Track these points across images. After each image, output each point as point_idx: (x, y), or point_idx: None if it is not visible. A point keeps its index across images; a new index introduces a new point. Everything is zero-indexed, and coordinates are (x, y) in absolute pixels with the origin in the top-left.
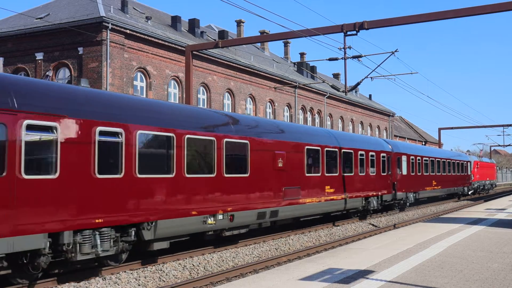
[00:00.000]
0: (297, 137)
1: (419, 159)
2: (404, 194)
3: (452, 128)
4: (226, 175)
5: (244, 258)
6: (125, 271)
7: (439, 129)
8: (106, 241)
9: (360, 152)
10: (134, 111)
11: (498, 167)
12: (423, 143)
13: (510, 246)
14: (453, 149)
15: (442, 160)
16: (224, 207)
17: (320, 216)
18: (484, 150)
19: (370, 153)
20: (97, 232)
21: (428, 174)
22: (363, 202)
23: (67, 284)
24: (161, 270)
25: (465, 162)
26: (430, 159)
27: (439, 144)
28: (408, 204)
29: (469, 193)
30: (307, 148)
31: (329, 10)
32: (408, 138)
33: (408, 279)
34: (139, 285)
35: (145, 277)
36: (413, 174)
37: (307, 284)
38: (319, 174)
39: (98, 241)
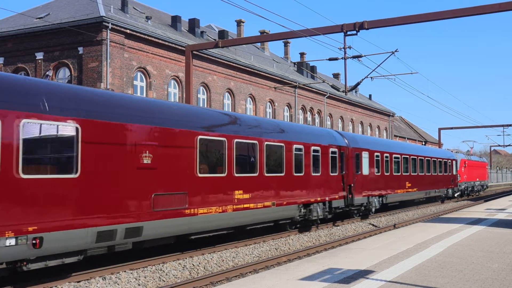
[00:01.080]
0: (182, 123)
1: (387, 156)
2: (364, 198)
3: (452, 128)
4: (24, 177)
5: (244, 258)
6: (125, 271)
7: (439, 129)
8: None
9: (296, 146)
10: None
11: (498, 167)
12: (423, 143)
13: (510, 246)
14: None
15: (420, 158)
16: (27, 227)
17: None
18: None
19: (313, 148)
20: None
21: (399, 174)
22: (301, 210)
23: (67, 283)
24: (161, 270)
25: (449, 161)
26: (403, 156)
27: (439, 144)
28: (373, 210)
29: (455, 195)
30: (200, 139)
31: (329, 10)
32: (408, 138)
33: (408, 279)
34: (139, 284)
35: (145, 277)
36: (379, 174)
37: (307, 284)
38: (223, 175)
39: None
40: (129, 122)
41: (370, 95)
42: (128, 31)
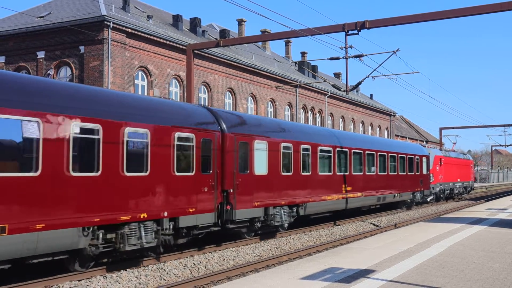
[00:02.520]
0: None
1: (306, 149)
2: (257, 210)
3: (453, 127)
4: None
5: (245, 257)
6: (126, 270)
7: (440, 129)
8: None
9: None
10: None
11: (499, 167)
12: (424, 142)
13: (511, 246)
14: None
15: (369, 152)
16: None
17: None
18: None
19: (128, 131)
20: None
21: (331, 174)
22: (96, 237)
23: (68, 282)
24: (162, 268)
25: (417, 157)
26: (339, 149)
27: (440, 144)
28: (285, 226)
29: (428, 199)
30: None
31: (330, 9)
32: (409, 138)
33: (409, 278)
34: (140, 283)
35: (146, 276)
36: (289, 173)
37: (308, 283)
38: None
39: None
40: None
41: (371, 95)
42: (129, 30)
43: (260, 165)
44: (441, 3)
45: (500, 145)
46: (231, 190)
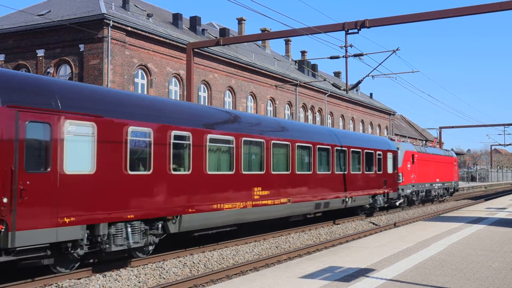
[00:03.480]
0: None
1: (181, 137)
2: (70, 230)
3: (453, 127)
4: None
5: (245, 255)
6: (125, 268)
7: (440, 128)
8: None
9: None
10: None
11: (499, 166)
12: (424, 142)
13: (510, 245)
14: (454, 148)
15: (299, 144)
16: None
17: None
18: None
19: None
20: None
21: (231, 173)
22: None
23: (67, 280)
24: (161, 267)
25: (379, 152)
26: (243, 138)
27: (440, 143)
28: (147, 250)
29: (397, 203)
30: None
31: (330, 8)
32: (409, 137)
33: (409, 277)
34: (139, 282)
35: (145, 274)
36: (148, 172)
37: (307, 282)
38: None
39: None
40: None
41: (371, 94)
42: (129, 28)
43: (80, 159)
44: (441, 3)
45: (500, 144)
46: (5, 200)
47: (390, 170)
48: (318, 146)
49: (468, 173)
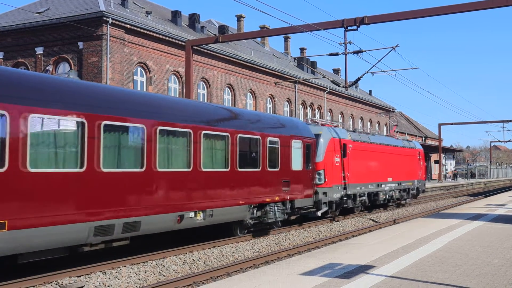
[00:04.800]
0: None
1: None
2: None
3: (452, 123)
4: None
5: (244, 253)
6: (125, 266)
7: (439, 125)
8: None
9: None
10: None
11: (498, 163)
12: (423, 139)
13: (510, 242)
14: (453, 145)
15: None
16: None
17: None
18: (485, 145)
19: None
20: None
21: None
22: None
23: (67, 278)
24: (161, 264)
25: (274, 139)
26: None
27: (439, 140)
28: None
29: (319, 213)
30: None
31: (329, 5)
32: (408, 134)
33: (409, 274)
34: (139, 279)
35: (145, 272)
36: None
37: (307, 279)
38: None
39: None
40: None
41: (370, 91)
42: (128, 26)
43: None
44: None
45: (499, 141)
46: None
47: (297, 166)
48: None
49: (468, 170)
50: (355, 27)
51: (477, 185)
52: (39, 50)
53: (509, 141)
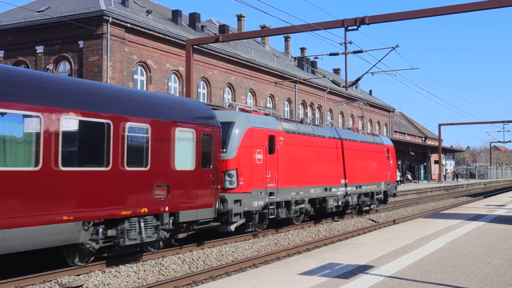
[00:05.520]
0: None
1: None
2: None
3: (452, 124)
4: None
5: (244, 252)
6: (124, 265)
7: (439, 125)
8: None
9: None
10: None
11: (498, 163)
12: (423, 139)
13: (510, 242)
14: (453, 145)
15: None
16: None
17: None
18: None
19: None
20: None
21: None
22: None
23: (66, 277)
24: (160, 263)
25: (143, 127)
26: None
27: (439, 140)
28: None
29: (231, 228)
30: None
31: (330, 5)
32: (408, 134)
33: (408, 274)
34: (138, 278)
35: (144, 271)
36: None
37: (307, 279)
38: None
39: None
40: None
41: (370, 91)
42: (128, 25)
43: None
44: None
45: (499, 142)
46: None
47: (185, 164)
48: None
49: (468, 170)
50: (355, 27)
51: (477, 186)
52: (40, 49)
53: (509, 141)
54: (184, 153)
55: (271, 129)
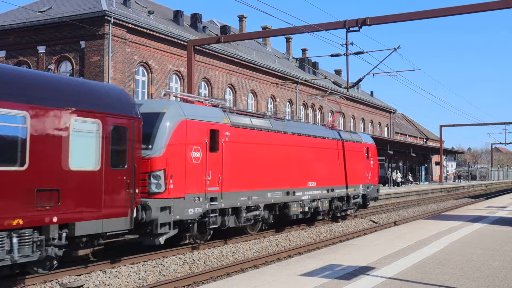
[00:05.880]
0: None
1: None
2: None
3: (453, 125)
4: None
5: (245, 253)
6: (125, 265)
7: (441, 126)
8: None
9: None
10: None
11: (499, 165)
12: (424, 140)
13: (511, 244)
14: (454, 147)
15: None
16: None
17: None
18: (486, 147)
19: None
20: None
21: None
22: None
23: (67, 277)
24: (161, 264)
25: (9, 113)
26: None
27: (440, 141)
28: None
29: (161, 240)
30: None
31: (331, 6)
32: (409, 135)
33: (409, 276)
34: (139, 279)
35: (145, 271)
36: None
37: (307, 280)
38: None
39: None
40: None
41: (371, 92)
42: (130, 25)
43: None
44: (443, 0)
45: (500, 143)
46: None
47: (85, 163)
48: None
49: (469, 172)
50: (357, 28)
51: (478, 187)
52: (41, 49)
53: (510, 143)
54: (84, 149)
55: (214, 122)
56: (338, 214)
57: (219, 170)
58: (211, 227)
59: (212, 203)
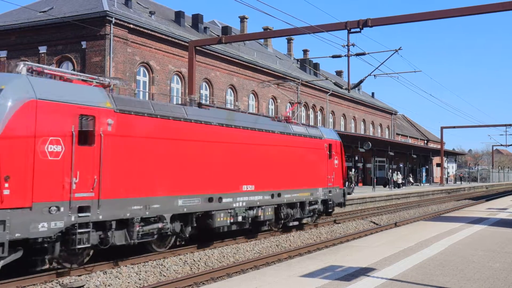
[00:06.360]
0: None
1: None
2: None
3: (454, 127)
4: None
5: (245, 254)
6: (126, 266)
7: (441, 128)
8: None
9: None
10: None
11: (500, 167)
12: (425, 142)
13: (511, 246)
14: (455, 148)
15: None
16: None
17: None
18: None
19: None
20: None
21: None
22: None
23: (68, 277)
24: (161, 265)
25: None
26: None
27: (441, 143)
28: None
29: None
30: None
31: (333, 7)
32: (410, 137)
33: (409, 277)
34: (139, 279)
35: (145, 272)
36: None
37: (308, 281)
38: None
39: None
40: None
41: (373, 93)
42: (131, 26)
43: None
44: (444, 2)
45: (501, 145)
46: None
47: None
48: None
49: (470, 173)
50: (358, 30)
51: (479, 189)
52: (43, 49)
53: (511, 145)
54: None
55: (88, 106)
56: (290, 224)
57: (95, 170)
58: (81, 246)
59: (81, 214)
